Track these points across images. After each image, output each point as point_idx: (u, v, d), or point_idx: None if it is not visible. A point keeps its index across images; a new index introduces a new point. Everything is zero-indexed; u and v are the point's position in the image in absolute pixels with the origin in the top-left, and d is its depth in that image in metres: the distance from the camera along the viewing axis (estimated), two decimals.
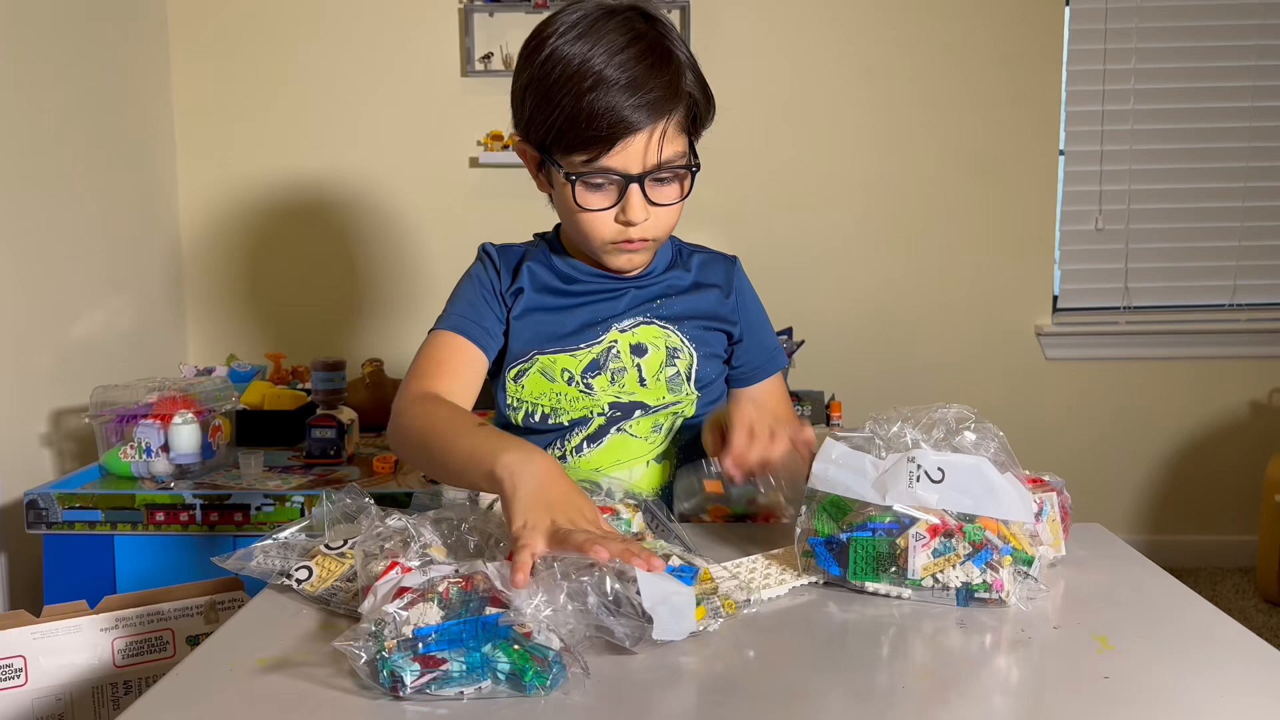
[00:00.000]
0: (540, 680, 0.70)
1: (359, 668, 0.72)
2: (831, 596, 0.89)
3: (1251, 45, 2.84)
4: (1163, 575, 0.97)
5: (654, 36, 1.10)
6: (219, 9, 2.79)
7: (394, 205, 2.86)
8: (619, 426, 1.19)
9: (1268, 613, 2.67)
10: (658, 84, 1.07)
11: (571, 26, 1.09)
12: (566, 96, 1.06)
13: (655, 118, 1.07)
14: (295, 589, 0.92)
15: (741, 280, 1.27)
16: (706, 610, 0.80)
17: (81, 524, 1.85)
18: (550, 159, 1.11)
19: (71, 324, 2.36)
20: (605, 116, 1.05)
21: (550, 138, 1.09)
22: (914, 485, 0.86)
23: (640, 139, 1.07)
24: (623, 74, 1.05)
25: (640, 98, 1.06)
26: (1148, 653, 0.79)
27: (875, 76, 2.82)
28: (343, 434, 2.10)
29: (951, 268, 2.89)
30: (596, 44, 1.07)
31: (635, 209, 1.10)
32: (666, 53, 1.10)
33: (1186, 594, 0.92)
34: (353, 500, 1.01)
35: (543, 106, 1.09)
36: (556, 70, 1.07)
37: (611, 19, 1.09)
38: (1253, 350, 2.93)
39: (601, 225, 1.12)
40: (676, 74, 1.09)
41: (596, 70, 1.05)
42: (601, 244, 1.14)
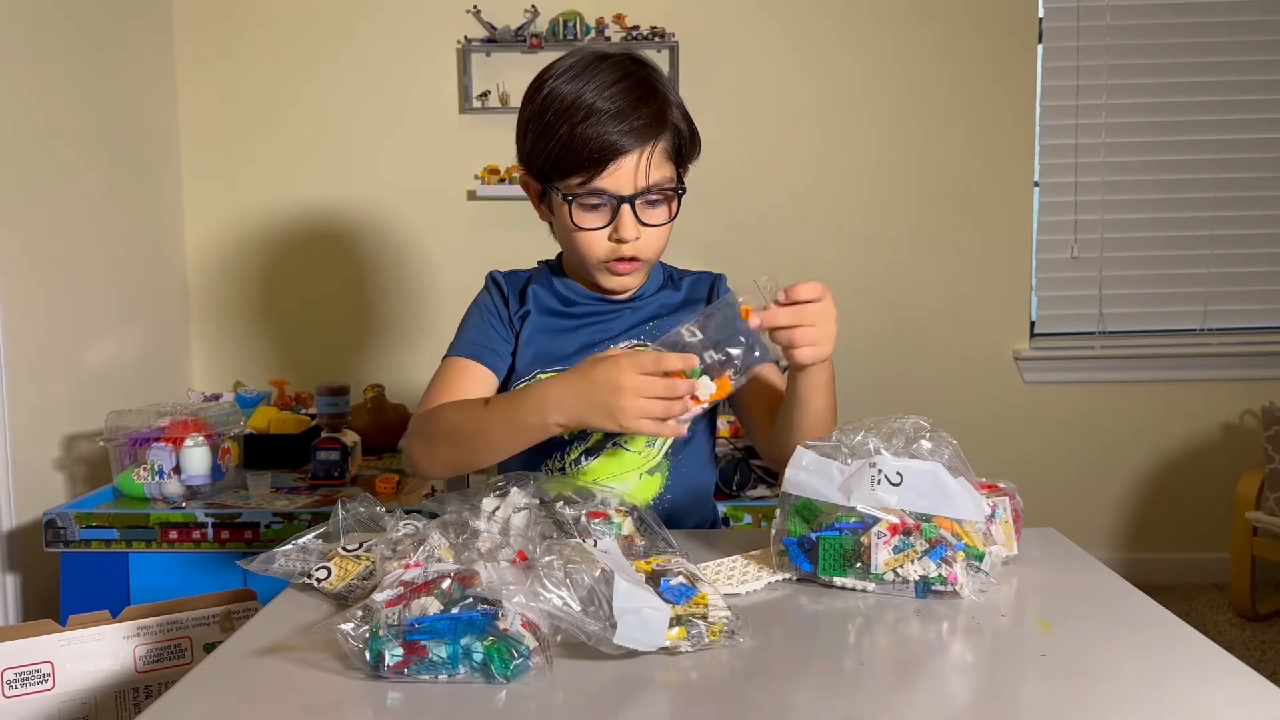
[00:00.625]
0: (504, 670, 0.79)
1: (347, 647, 0.81)
2: (803, 591, 0.98)
3: (1216, 81, 2.97)
4: (1106, 572, 1.06)
5: (643, 75, 1.22)
6: (225, 47, 2.91)
7: (395, 236, 2.96)
8: (615, 441, 1.27)
9: (1241, 627, 2.75)
10: (645, 112, 1.18)
11: (568, 69, 1.21)
12: (563, 126, 1.17)
13: (642, 142, 1.18)
14: (316, 587, 1.01)
15: (725, 290, 1.37)
16: (687, 632, 0.83)
17: (98, 542, 1.93)
18: (549, 185, 1.22)
19: (83, 352, 2.45)
20: (597, 140, 1.16)
21: (549, 164, 1.20)
22: (875, 488, 0.95)
23: (629, 161, 1.17)
24: (612, 104, 1.17)
25: (629, 124, 1.17)
26: (1082, 635, 0.88)
27: (857, 113, 2.94)
28: (346, 456, 2.19)
29: (933, 295, 2.99)
30: (589, 81, 1.18)
31: (627, 227, 1.20)
32: (653, 88, 1.22)
33: (1126, 588, 1.01)
34: (365, 508, 1.11)
35: (542, 137, 1.20)
36: (554, 105, 1.19)
37: (604, 61, 1.21)
38: (1224, 373, 3.03)
39: (596, 244, 1.22)
40: (663, 106, 1.21)
41: (589, 102, 1.17)
42: (596, 262, 1.23)
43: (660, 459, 1.30)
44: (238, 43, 2.91)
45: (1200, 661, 0.82)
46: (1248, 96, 2.98)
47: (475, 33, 2.87)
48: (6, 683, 1.36)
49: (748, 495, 2.03)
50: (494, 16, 2.86)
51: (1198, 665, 0.81)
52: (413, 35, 2.91)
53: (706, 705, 0.77)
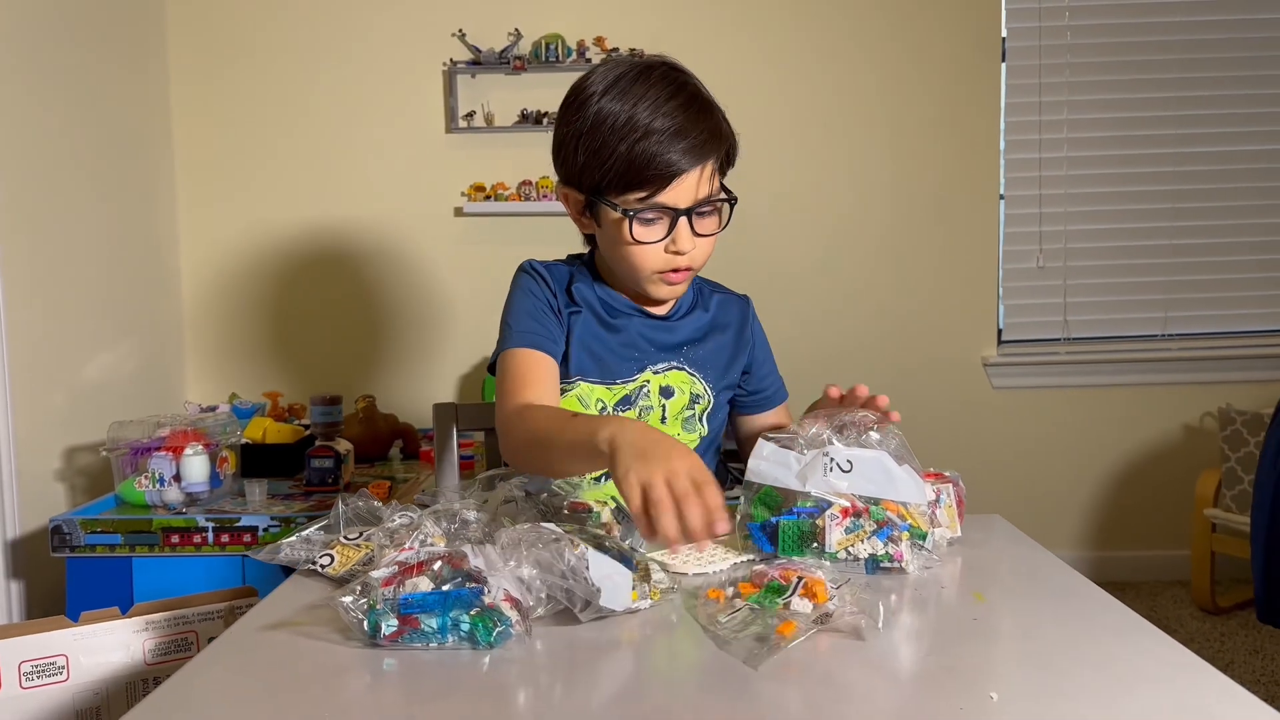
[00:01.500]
0: (488, 638, 0.88)
1: (347, 618, 0.90)
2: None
3: (1174, 96, 3.09)
4: (1043, 552, 1.16)
5: (693, 88, 1.26)
6: (218, 69, 3.00)
7: (384, 252, 3.06)
8: None
9: (1202, 620, 2.86)
10: (704, 129, 1.22)
11: (614, 84, 1.23)
12: (621, 145, 1.19)
13: (701, 160, 1.22)
14: (320, 573, 1.10)
15: (754, 318, 1.45)
16: (638, 594, 0.96)
17: (102, 547, 2.01)
18: (603, 200, 1.24)
19: (83, 367, 2.54)
20: (661, 159, 1.19)
21: (605, 181, 1.22)
22: (828, 475, 1.05)
23: (690, 179, 1.21)
24: (672, 122, 1.19)
25: (690, 141, 1.20)
26: (1013, 604, 0.98)
27: (831, 130, 3.05)
28: (340, 463, 2.27)
29: (903, 304, 3.10)
30: (642, 99, 1.20)
31: (684, 239, 1.24)
32: (707, 102, 1.26)
33: (1057, 563, 1.11)
34: (364, 503, 1.20)
35: (597, 154, 1.21)
36: (608, 122, 1.20)
37: (651, 74, 1.24)
38: (1184, 377, 3.14)
39: (652, 256, 1.25)
40: (717, 121, 1.26)
41: (646, 121, 1.19)
42: (650, 274, 1.27)
43: None
44: (230, 65, 3.01)
45: (1116, 624, 0.92)
46: (1204, 111, 3.10)
47: (460, 55, 2.97)
48: (23, 674, 1.44)
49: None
50: (478, 39, 2.96)
51: (1113, 627, 0.91)
52: (400, 58, 3.00)
53: (664, 659, 0.86)
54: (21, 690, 1.44)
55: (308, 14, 3.00)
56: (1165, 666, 0.82)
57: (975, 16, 3.04)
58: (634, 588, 0.97)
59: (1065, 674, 0.81)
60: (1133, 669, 0.81)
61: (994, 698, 0.76)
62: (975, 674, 0.81)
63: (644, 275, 1.28)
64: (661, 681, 0.83)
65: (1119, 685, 0.78)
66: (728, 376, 1.40)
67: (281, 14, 2.99)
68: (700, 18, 3.01)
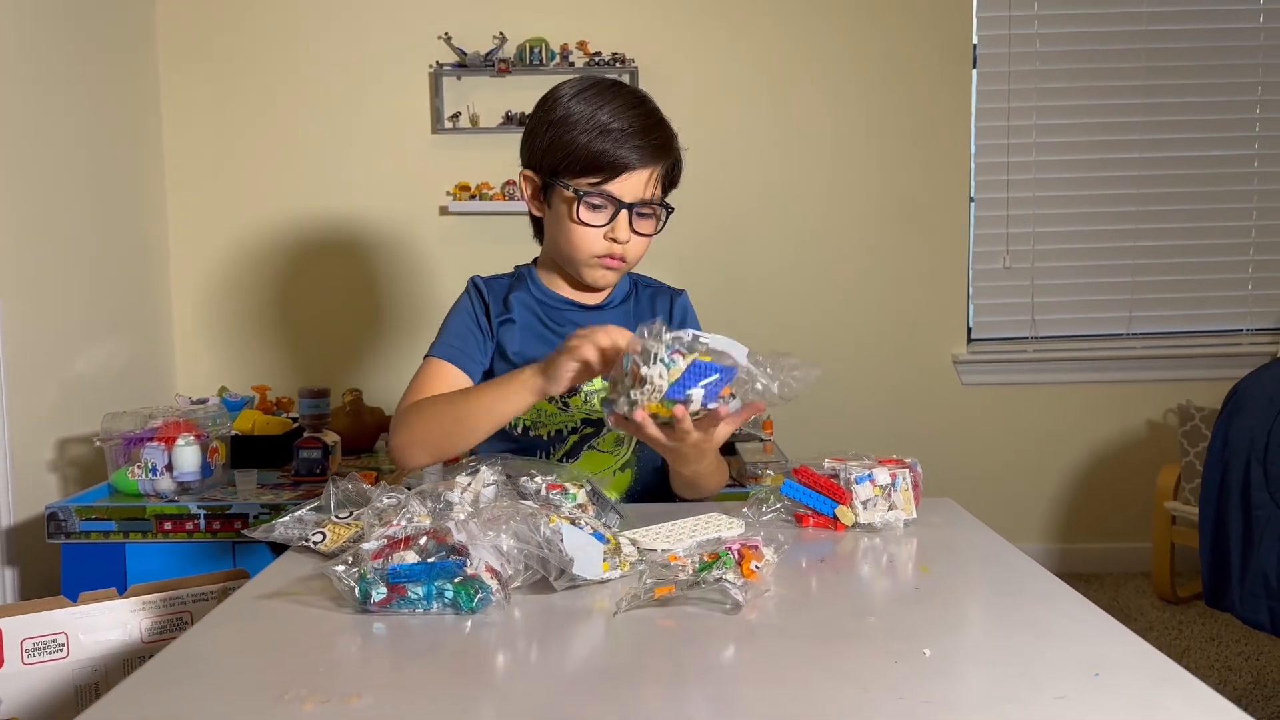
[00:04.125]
0: (469, 604, 0.96)
1: (339, 587, 0.97)
2: None
3: (1138, 103, 3.19)
4: (989, 533, 1.24)
5: (653, 107, 1.42)
6: (207, 68, 3.06)
7: (371, 250, 3.12)
8: (590, 444, 1.45)
9: (1163, 609, 2.96)
10: (659, 137, 1.38)
11: (587, 89, 1.39)
12: (585, 135, 1.34)
13: (652, 162, 1.37)
14: (313, 549, 1.17)
15: (686, 308, 1.55)
16: (609, 566, 1.04)
17: (97, 534, 2.08)
18: (559, 181, 1.37)
19: (74, 360, 2.60)
20: (615, 151, 1.34)
21: (564, 164, 1.36)
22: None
23: (638, 176, 1.36)
24: (633, 124, 1.35)
25: (645, 143, 1.36)
26: (954, 575, 1.06)
27: (806, 134, 3.13)
28: (327, 454, 2.34)
29: (876, 304, 3.19)
30: (610, 101, 1.37)
31: (622, 229, 1.37)
32: (662, 120, 1.42)
33: (1005, 546, 1.19)
34: (353, 485, 1.28)
35: (560, 141, 1.36)
36: (575, 115, 1.36)
37: (619, 87, 1.41)
38: (1148, 374, 3.24)
39: (593, 240, 1.38)
40: (670, 137, 1.41)
41: (608, 118, 1.35)
42: (588, 257, 1.39)
43: (629, 455, 1.48)
44: (219, 64, 3.06)
45: (1045, 591, 1.01)
46: (1167, 117, 3.20)
47: (446, 58, 3.04)
48: (25, 651, 1.51)
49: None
50: (464, 42, 3.03)
51: (1042, 594, 1.00)
52: (388, 60, 3.07)
53: (633, 624, 0.94)
54: (23, 666, 1.51)
55: (297, 16, 3.06)
56: (1078, 624, 0.90)
57: (947, 24, 3.13)
58: (605, 559, 1.05)
59: (993, 634, 0.89)
60: (1054, 628, 0.89)
61: (927, 653, 0.84)
62: (911, 633, 0.89)
63: (582, 257, 1.40)
64: (629, 644, 0.91)
65: (1041, 642, 0.86)
66: None
67: (270, 15, 3.06)
68: (679, 23, 3.09)
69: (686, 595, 0.98)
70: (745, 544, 1.05)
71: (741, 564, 1.01)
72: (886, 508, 1.21)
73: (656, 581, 0.99)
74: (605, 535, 1.08)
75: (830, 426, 3.06)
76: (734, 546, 1.05)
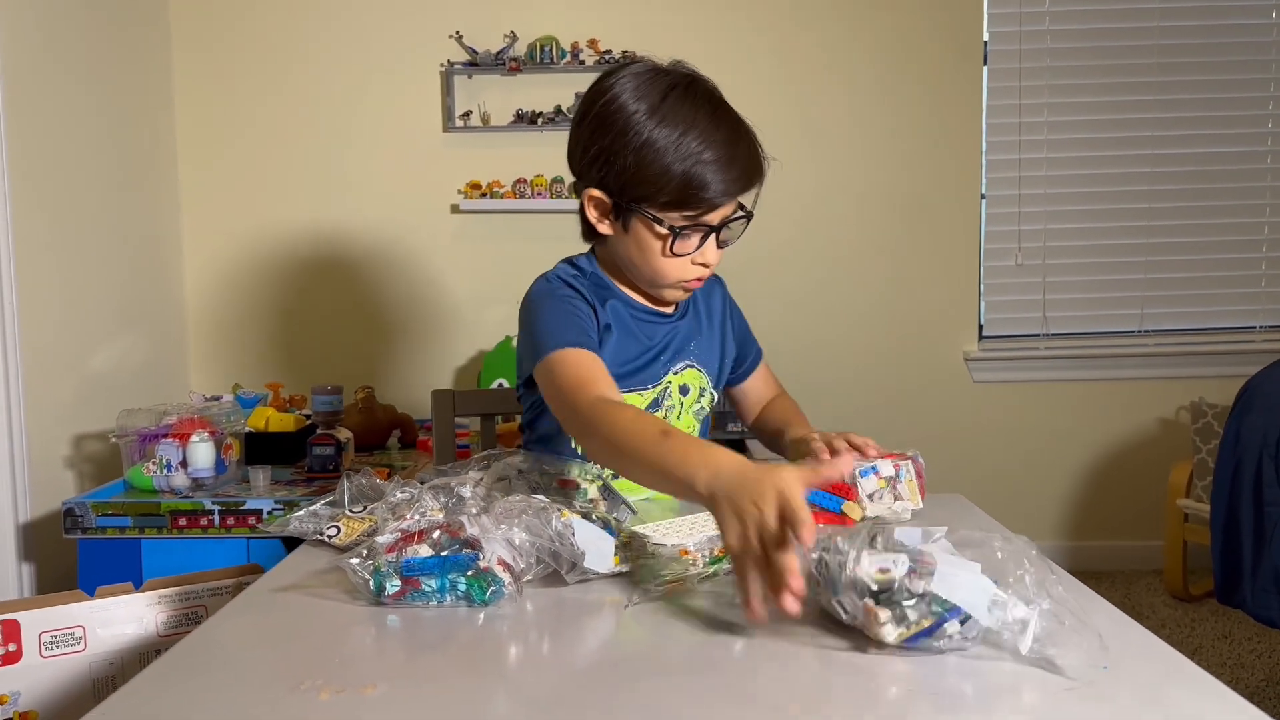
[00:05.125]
0: (482, 596, 0.97)
1: (354, 579, 0.98)
2: None
3: (1151, 99, 3.18)
4: (991, 521, 1.25)
5: (736, 117, 1.30)
6: (220, 70, 3.08)
7: (382, 248, 3.14)
8: None
9: (1174, 607, 2.95)
10: (753, 161, 1.29)
11: (660, 103, 1.25)
12: (677, 166, 1.23)
13: (746, 190, 1.30)
14: (328, 542, 1.19)
15: (728, 297, 1.54)
16: (620, 559, 1.05)
17: (113, 529, 2.10)
18: (642, 212, 1.27)
19: (90, 358, 2.62)
20: (713, 187, 1.25)
21: (653, 196, 1.26)
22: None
23: (731, 204, 1.29)
24: (725, 152, 1.25)
25: (739, 171, 1.27)
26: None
27: (815, 130, 3.13)
28: (340, 451, 2.36)
29: (887, 301, 3.18)
30: (695, 123, 1.24)
31: (712, 254, 1.32)
32: (749, 132, 1.31)
33: (1000, 528, 1.19)
34: (366, 480, 1.29)
35: (647, 171, 1.24)
36: (660, 142, 1.24)
37: (696, 100, 1.27)
38: (1160, 371, 3.23)
39: (683, 268, 1.31)
40: (758, 153, 1.31)
41: (699, 146, 1.23)
42: (676, 282, 1.33)
43: None
44: (233, 65, 3.08)
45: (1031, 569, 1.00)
46: (1179, 113, 3.18)
47: (457, 57, 3.05)
48: (43, 644, 1.53)
49: None
50: (475, 41, 3.04)
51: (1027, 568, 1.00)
52: (399, 59, 3.08)
53: (644, 617, 0.95)
54: (41, 659, 1.53)
55: (309, 17, 3.07)
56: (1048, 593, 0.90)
57: (958, 20, 3.12)
58: (616, 553, 1.06)
59: None
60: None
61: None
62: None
63: (668, 283, 1.33)
64: (640, 636, 0.92)
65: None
66: (723, 365, 1.50)
67: (283, 16, 3.07)
68: (690, 21, 3.09)
69: (698, 589, 0.99)
70: None
71: None
72: (893, 499, 1.22)
73: (668, 575, 1.00)
74: (616, 529, 1.09)
75: (841, 424, 3.03)
76: None
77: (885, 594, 0.82)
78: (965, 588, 0.80)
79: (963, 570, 0.82)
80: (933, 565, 0.82)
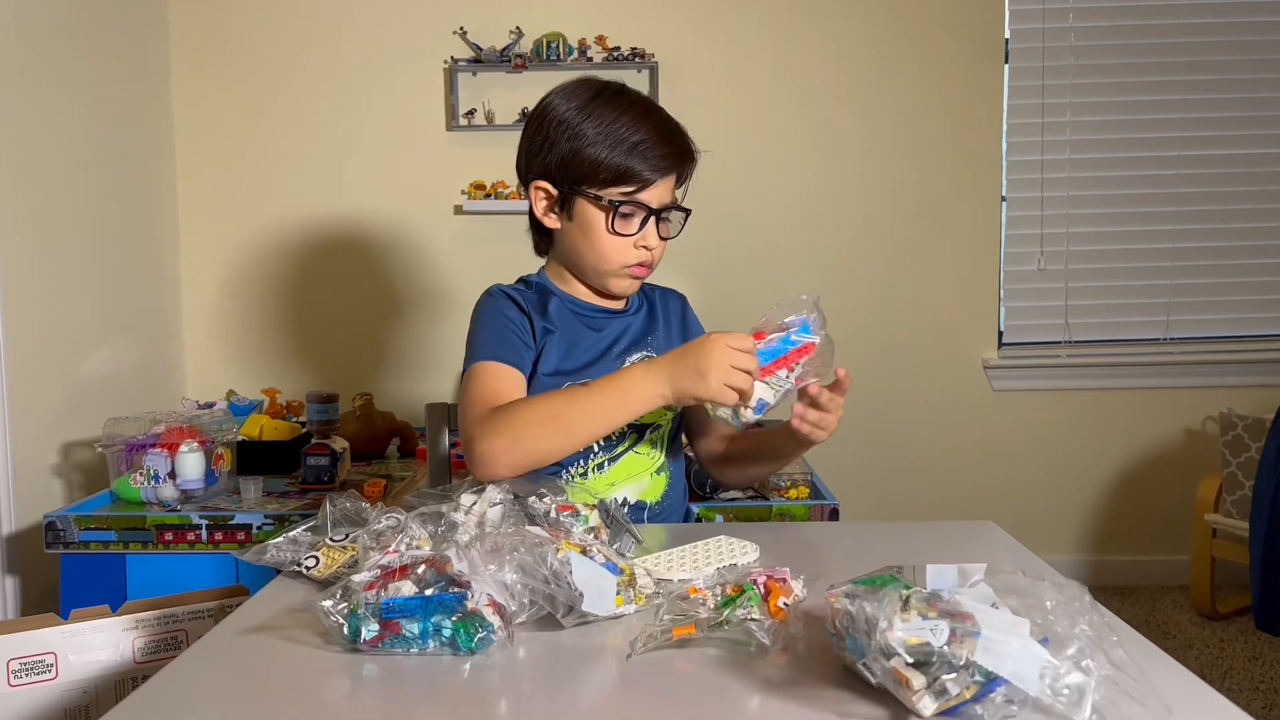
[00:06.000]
0: (469, 643, 0.88)
1: (327, 623, 0.89)
2: None
3: (1178, 99, 3.07)
4: (1028, 554, 1.15)
5: (663, 111, 1.39)
6: (219, 66, 3.00)
7: (383, 250, 3.05)
8: (630, 447, 1.39)
9: (1202, 626, 2.85)
10: (684, 142, 1.38)
11: (589, 100, 1.36)
12: (610, 147, 1.32)
13: (678, 168, 1.37)
14: (305, 575, 1.09)
15: (690, 312, 1.56)
16: (623, 599, 0.96)
17: (96, 544, 2.01)
18: (583, 193, 1.35)
19: (81, 363, 2.53)
20: (647, 160, 1.33)
21: (590, 175, 1.34)
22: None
23: (666, 183, 1.36)
24: (655, 133, 1.34)
25: (671, 149, 1.35)
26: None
27: (829, 131, 3.04)
28: (336, 461, 2.27)
29: (904, 307, 3.09)
30: (623, 112, 1.34)
31: (652, 236, 1.37)
32: (678, 125, 1.39)
33: (1041, 565, 1.10)
34: (351, 504, 1.20)
35: (583, 152, 1.33)
36: (592, 128, 1.33)
37: (621, 96, 1.37)
38: (1186, 381, 3.12)
39: (624, 249, 1.36)
40: (689, 140, 1.40)
41: (628, 131, 1.33)
42: (619, 267, 1.37)
43: (664, 458, 1.42)
44: (231, 62, 3.00)
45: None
46: (1207, 114, 3.08)
47: (462, 53, 2.96)
48: (11, 672, 1.44)
49: (720, 497, 2.12)
50: (480, 38, 2.95)
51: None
52: (402, 56, 3.00)
53: (648, 668, 0.85)
54: (9, 688, 1.44)
55: (309, 12, 2.99)
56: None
57: (978, 17, 3.03)
58: (619, 592, 0.96)
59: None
60: None
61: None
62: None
63: (613, 268, 1.38)
64: (644, 690, 0.82)
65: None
66: None
67: (283, 11, 2.99)
68: (700, 17, 3.00)
69: (708, 636, 0.89)
70: (772, 576, 0.96)
71: (768, 600, 0.92)
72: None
73: (675, 619, 0.91)
74: (619, 565, 1.00)
75: (855, 433, 2.96)
76: (759, 579, 0.96)
77: (922, 661, 0.72)
78: (1014, 656, 0.70)
79: (1010, 635, 0.72)
80: (975, 628, 0.72)
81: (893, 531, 1.34)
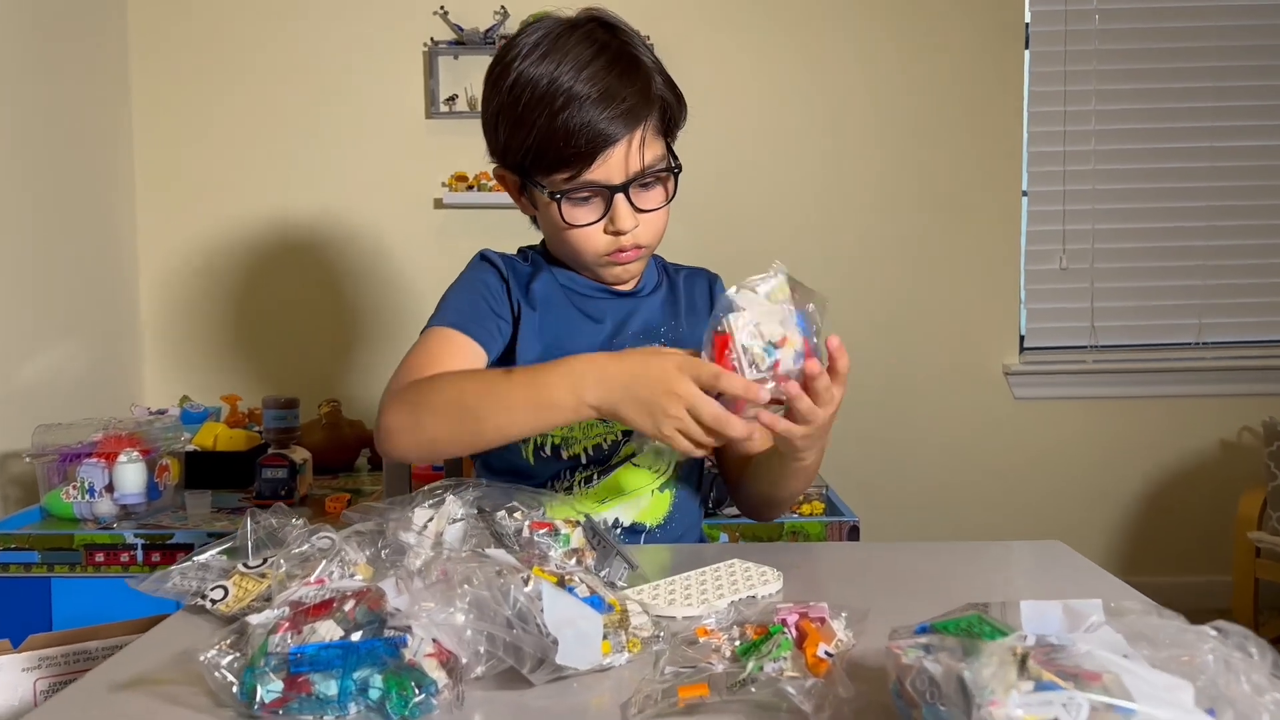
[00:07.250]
0: (401, 709, 0.66)
1: (212, 681, 0.67)
2: None
3: (1209, 86, 2.91)
4: (1115, 580, 0.94)
5: (618, 45, 1.11)
6: (181, 49, 2.80)
7: (358, 247, 2.85)
8: (629, 459, 1.17)
9: None
10: (630, 93, 1.08)
11: (534, 47, 1.10)
12: (541, 117, 1.07)
13: (631, 126, 1.08)
14: (209, 610, 0.87)
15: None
16: (611, 646, 0.74)
17: (17, 566, 1.79)
18: (531, 180, 1.12)
19: (18, 367, 2.31)
20: (582, 132, 1.06)
21: (529, 159, 1.10)
22: None
23: (620, 149, 1.08)
24: (593, 87, 1.06)
25: (615, 108, 1.07)
26: None
27: (841, 122, 2.86)
28: (295, 474, 2.05)
29: (920, 308, 2.90)
30: (562, 61, 1.08)
31: (623, 218, 1.11)
32: (633, 60, 1.11)
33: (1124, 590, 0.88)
34: (278, 520, 0.97)
35: (517, 130, 1.10)
36: (526, 93, 1.08)
37: (573, 33, 1.11)
38: (1221, 388, 2.94)
39: (593, 239, 1.13)
40: (646, 80, 1.11)
41: (566, 87, 1.06)
42: (595, 258, 1.14)
43: (670, 473, 1.19)
44: (194, 45, 2.81)
45: None
46: (1241, 102, 2.91)
47: (442, 34, 2.77)
48: None
49: (724, 513, 1.90)
50: (462, 18, 2.76)
51: None
52: (377, 38, 2.81)
53: None
54: None
55: None
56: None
57: (996, 0, 2.85)
58: (606, 636, 0.74)
59: None
60: None
61: None
62: None
63: (590, 259, 1.16)
64: None
65: None
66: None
67: None
68: (703, 1, 2.82)
69: (725, 697, 0.66)
70: (806, 615, 0.73)
71: (803, 647, 0.70)
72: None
73: (681, 675, 0.68)
74: (606, 600, 0.77)
75: (870, 443, 2.77)
76: (790, 619, 0.73)
77: None
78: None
79: (1172, 709, 0.49)
80: (1116, 695, 0.50)
81: (938, 553, 1.11)
